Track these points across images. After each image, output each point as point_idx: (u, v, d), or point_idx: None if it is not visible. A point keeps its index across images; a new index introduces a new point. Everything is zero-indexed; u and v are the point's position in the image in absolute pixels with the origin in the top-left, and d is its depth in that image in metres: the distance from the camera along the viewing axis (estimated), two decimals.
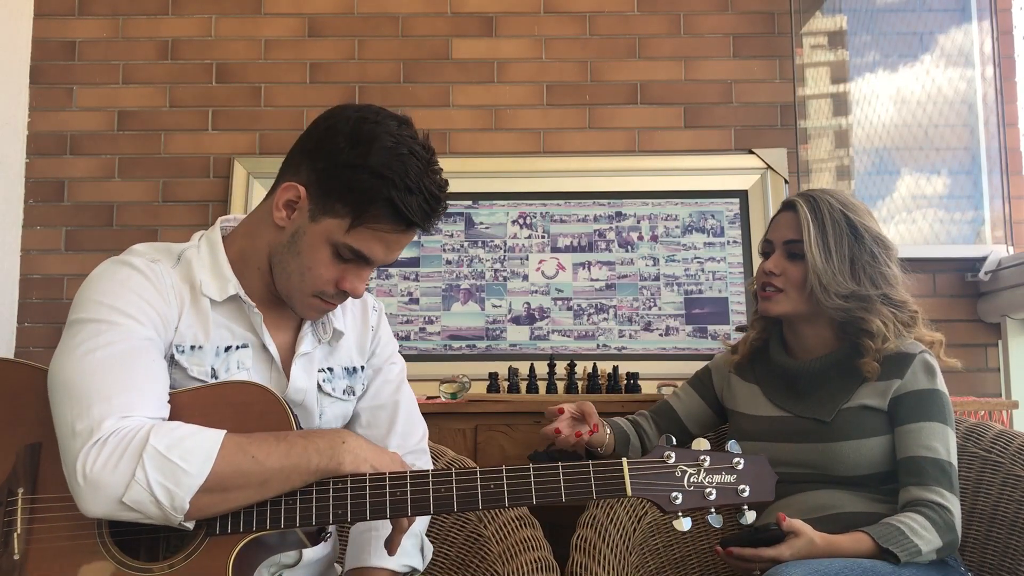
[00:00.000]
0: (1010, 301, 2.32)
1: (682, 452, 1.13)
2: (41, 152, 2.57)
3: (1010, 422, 2.14)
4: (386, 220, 1.13)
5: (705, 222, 2.51)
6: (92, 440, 0.99)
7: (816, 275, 1.50)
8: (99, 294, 1.10)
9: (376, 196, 1.11)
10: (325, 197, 1.13)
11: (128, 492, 0.98)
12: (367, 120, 1.14)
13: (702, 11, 2.60)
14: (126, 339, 1.07)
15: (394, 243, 1.16)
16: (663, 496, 1.10)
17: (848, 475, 1.47)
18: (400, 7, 2.61)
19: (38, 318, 2.50)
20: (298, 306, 1.21)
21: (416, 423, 1.41)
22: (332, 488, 1.07)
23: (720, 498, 1.11)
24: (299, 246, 1.16)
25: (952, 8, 2.59)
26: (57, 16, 2.61)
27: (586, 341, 2.44)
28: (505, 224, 2.52)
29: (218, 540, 1.06)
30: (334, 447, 1.07)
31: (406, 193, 1.11)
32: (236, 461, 1.02)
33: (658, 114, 2.57)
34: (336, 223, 1.13)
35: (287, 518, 1.06)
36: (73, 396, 1.03)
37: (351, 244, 1.14)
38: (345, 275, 1.17)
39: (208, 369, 1.16)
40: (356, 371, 1.33)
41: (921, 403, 1.47)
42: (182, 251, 1.20)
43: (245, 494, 1.04)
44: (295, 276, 1.17)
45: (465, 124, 2.57)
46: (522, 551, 1.43)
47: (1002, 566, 1.55)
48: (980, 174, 2.52)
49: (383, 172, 1.10)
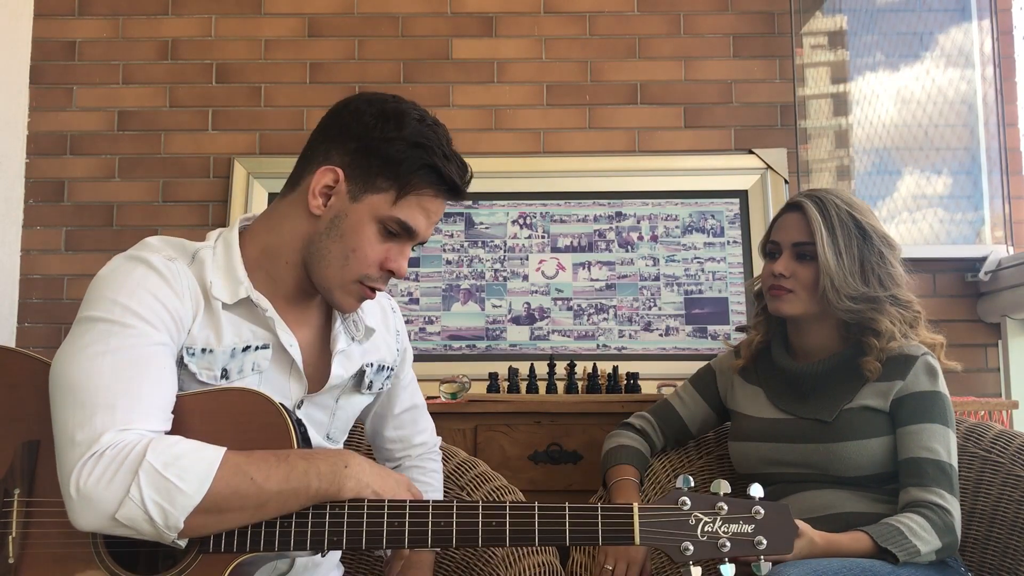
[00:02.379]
0: (1010, 301, 2.32)
1: (699, 498, 1.06)
2: (41, 152, 2.57)
3: (1010, 422, 2.14)
4: (429, 187, 1.15)
5: (705, 222, 2.51)
6: (89, 452, 0.96)
7: (828, 277, 1.49)
8: (113, 292, 1.06)
9: (417, 163, 1.13)
10: (365, 175, 1.14)
11: (121, 509, 0.95)
12: (388, 101, 1.17)
13: (702, 11, 2.60)
14: (137, 344, 1.04)
15: (434, 213, 1.18)
16: (673, 546, 1.04)
17: (849, 476, 1.47)
18: (400, 7, 2.61)
19: (38, 318, 2.50)
20: (337, 294, 1.18)
21: (429, 420, 1.50)
22: (329, 514, 1.04)
23: (735, 550, 1.04)
24: (341, 229, 1.14)
25: (952, 8, 2.59)
26: (57, 16, 2.61)
27: (586, 341, 2.44)
28: (505, 224, 2.52)
29: (211, 558, 1.03)
30: (336, 471, 1.04)
31: (444, 159, 1.15)
32: (234, 483, 0.99)
33: (658, 114, 2.57)
34: (381, 198, 1.14)
35: (281, 541, 1.03)
36: (76, 400, 0.99)
37: (398, 216, 1.14)
38: (390, 254, 1.16)
39: (218, 372, 1.13)
40: (384, 370, 1.33)
41: (923, 405, 1.47)
42: (196, 250, 1.16)
43: (241, 516, 1.01)
44: (337, 262, 1.15)
45: (465, 124, 2.56)
46: (526, 554, 1.43)
47: (1002, 566, 1.54)
48: (980, 174, 2.52)
49: (420, 141, 1.13)
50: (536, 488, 1.98)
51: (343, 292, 1.18)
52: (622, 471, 1.62)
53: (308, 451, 1.08)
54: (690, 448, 1.80)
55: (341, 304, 1.19)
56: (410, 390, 1.45)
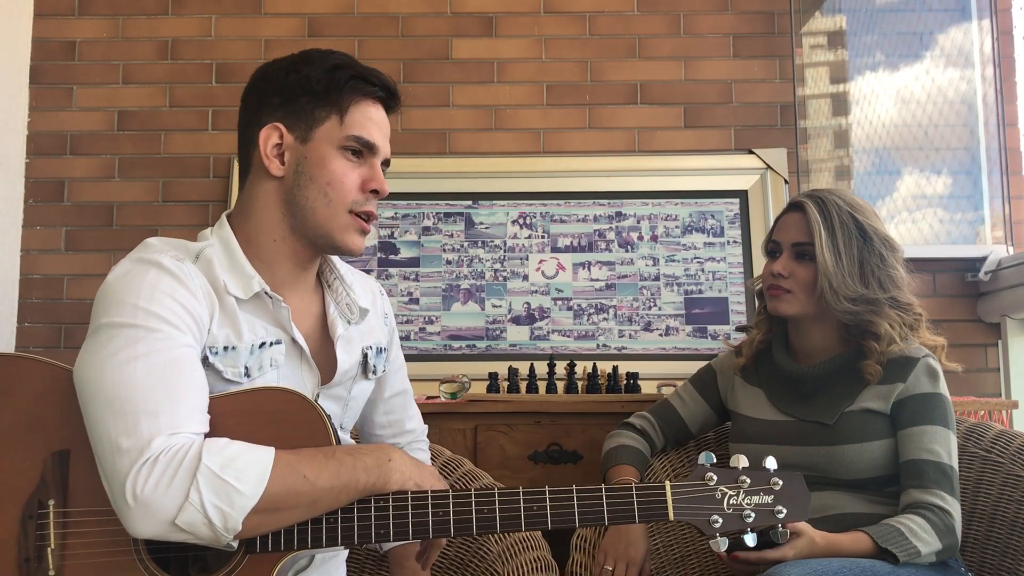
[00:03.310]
0: (1010, 301, 2.32)
1: (723, 473, 1.13)
2: (41, 152, 2.57)
3: (1010, 422, 2.14)
4: (364, 95, 1.18)
5: (705, 222, 2.51)
6: (142, 459, 0.95)
7: (827, 278, 1.49)
8: (132, 296, 1.05)
9: (343, 80, 1.17)
10: (303, 115, 1.17)
11: (181, 514, 0.94)
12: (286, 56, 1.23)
13: (702, 11, 2.60)
14: (167, 348, 1.03)
15: (381, 123, 1.21)
16: (703, 520, 1.10)
17: (850, 478, 1.47)
18: (400, 7, 2.61)
19: (38, 318, 2.50)
20: (338, 236, 1.18)
21: (417, 408, 1.50)
22: (374, 507, 1.06)
23: (758, 520, 1.11)
24: (308, 172, 1.16)
25: (952, 8, 2.59)
26: (57, 16, 2.61)
27: (586, 341, 2.44)
28: (505, 224, 2.52)
29: (258, 557, 1.04)
30: (381, 465, 1.06)
31: (364, 69, 1.19)
32: (289, 481, 1.00)
33: (658, 114, 2.57)
34: (328, 126, 1.16)
35: (328, 537, 1.05)
36: (116, 409, 0.98)
37: (352, 133, 1.16)
38: (364, 174, 1.18)
39: (241, 369, 1.13)
40: (381, 352, 1.34)
41: (923, 407, 1.47)
42: (200, 250, 1.17)
43: (296, 513, 1.02)
44: (321, 202, 1.16)
45: (465, 124, 2.57)
46: (521, 550, 1.43)
47: (1002, 566, 1.55)
48: (980, 174, 2.52)
49: (334, 63, 1.18)
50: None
51: (342, 231, 1.18)
52: (622, 471, 1.62)
53: (351, 447, 1.10)
54: (690, 448, 1.80)
55: (347, 244, 1.19)
56: (400, 375, 1.45)
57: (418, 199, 2.53)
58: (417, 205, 2.53)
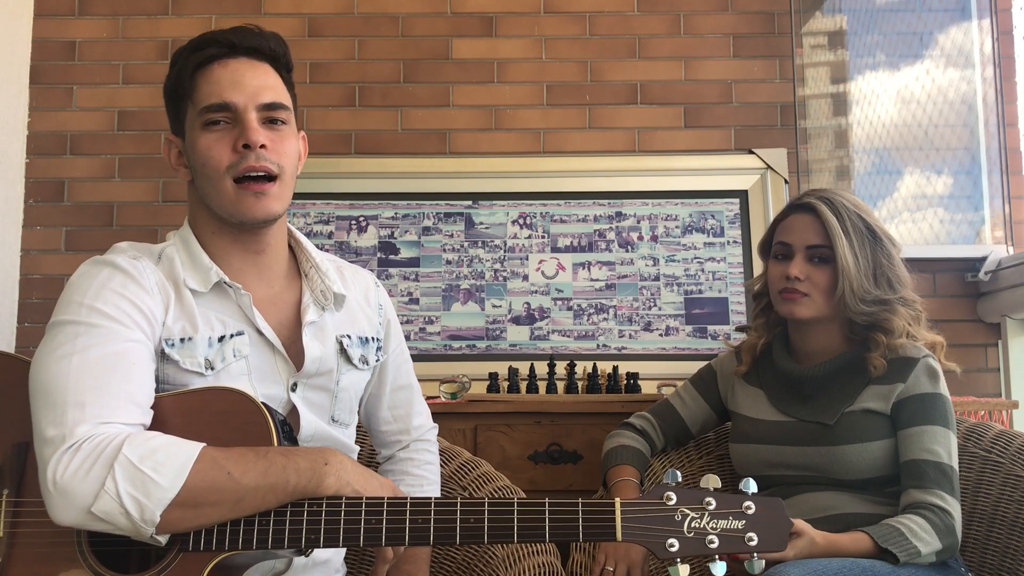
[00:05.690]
0: (1010, 301, 2.32)
1: (685, 493, 1.03)
2: (41, 152, 2.57)
3: (1010, 422, 2.14)
4: (201, 63, 1.19)
5: (705, 222, 2.51)
6: (64, 446, 0.97)
7: (848, 281, 1.48)
8: (80, 295, 1.10)
9: (182, 66, 1.20)
10: (178, 117, 1.22)
11: (97, 502, 0.96)
12: None
13: (702, 11, 2.60)
14: (106, 342, 1.06)
15: (225, 74, 1.19)
16: (658, 543, 1.01)
17: (850, 478, 1.47)
18: (400, 7, 2.61)
19: (38, 318, 2.50)
20: (230, 206, 1.17)
21: (426, 405, 1.50)
22: (307, 511, 1.03)
23: (724, 546, 1.01)
24: (193, 163, 1.20)
25: (952, 8, 2.59)
26: (57, 16, 2.61)
27: (586, 341, 2.44)
28: (505, 224, 2.52)
29: (191, 556, 1.03)
30: (315, 468, 1.04)
31: (197, 40, 1.21)
32: (211, 477, 0.99)
33: (658, 114, 2.57)
34: (190, 114, 1.20)
35: (259, 539, 1.03)
36: (48, 401, 1.01)
37: (202, 105, 1.17)
38: (234, 136, 1.17)
39: (202, 361, 1.14)
40: (369, 342, 1.34)
41: (924, 407, 1.47)
42: (161, 250, 1.22)
43: (218, 511, 1.01)
44: (206, 183, 1.18)
45: (465, 124, 2.56)
46: (526, 555, 1.43)
47: (1002, 566, 1.55)
48: (980, 174, 2.52)
49: (177, 56, 1.22)
50: (536, 488, 1.98)
51: (233, 202, 1.17)
52: (622, 471, 1.62)
53: (289, 448, 1.08)
54: (690, 448, 1.80)
55: (243, 212, 1.18)
56: (403, 369, 1.45)
57: (418, 199, 2.53)
58: (417, 205, 2.53)
